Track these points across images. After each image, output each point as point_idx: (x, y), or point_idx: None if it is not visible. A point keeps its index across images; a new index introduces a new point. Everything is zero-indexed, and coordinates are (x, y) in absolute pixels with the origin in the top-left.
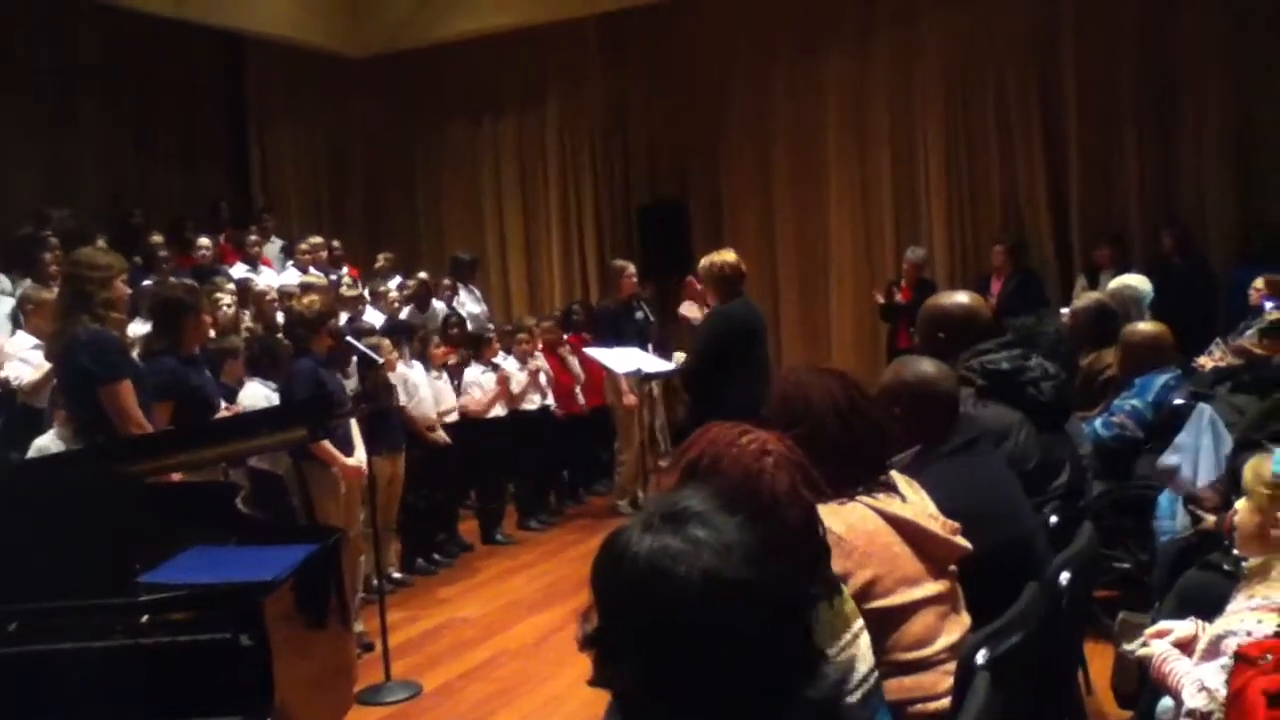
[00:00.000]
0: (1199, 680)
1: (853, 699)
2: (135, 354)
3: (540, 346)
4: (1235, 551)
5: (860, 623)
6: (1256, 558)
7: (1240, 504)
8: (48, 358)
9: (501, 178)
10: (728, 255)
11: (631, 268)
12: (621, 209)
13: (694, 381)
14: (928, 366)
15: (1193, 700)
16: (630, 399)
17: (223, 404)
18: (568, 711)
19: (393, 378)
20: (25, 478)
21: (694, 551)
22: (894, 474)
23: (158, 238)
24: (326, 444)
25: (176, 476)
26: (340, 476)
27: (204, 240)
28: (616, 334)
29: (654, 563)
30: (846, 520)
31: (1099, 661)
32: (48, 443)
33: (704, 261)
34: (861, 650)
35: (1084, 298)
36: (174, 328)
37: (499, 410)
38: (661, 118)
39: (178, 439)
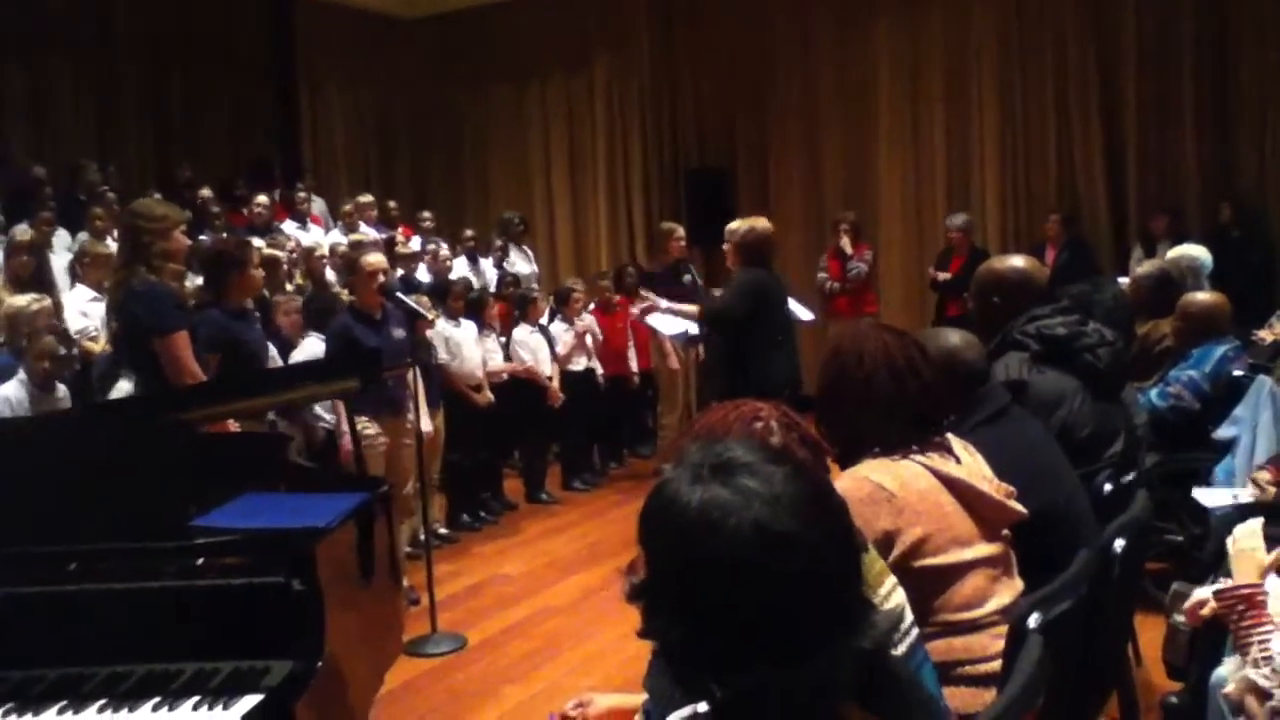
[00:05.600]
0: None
1: (898, 651)
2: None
3: (592, 307)
4: None
5: (894, 578)
6: None
7: None
8: (107, 309)
9: (549, 140)
10: (762, 222)
11: (680, 230)
12: (670, 172)
13: (717, 328)
14: (952, 338)
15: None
16: (674, 361)
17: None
18: (608, 669)
19: (433, 336)
20: (84, 422)
21: (745, 502)
22: (950, 435)
23: (206, 192)
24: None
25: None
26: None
27: (261, 198)
28: (663, 297)
29: (705, 514)
30: (899, 477)
31: (1149, 633)
32: (130, 386)
33: (739, 224)
34: (903, 601)
35: (1147, 265)
36: (221, 281)
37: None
38: (708, 81)
39: (227, 388)
